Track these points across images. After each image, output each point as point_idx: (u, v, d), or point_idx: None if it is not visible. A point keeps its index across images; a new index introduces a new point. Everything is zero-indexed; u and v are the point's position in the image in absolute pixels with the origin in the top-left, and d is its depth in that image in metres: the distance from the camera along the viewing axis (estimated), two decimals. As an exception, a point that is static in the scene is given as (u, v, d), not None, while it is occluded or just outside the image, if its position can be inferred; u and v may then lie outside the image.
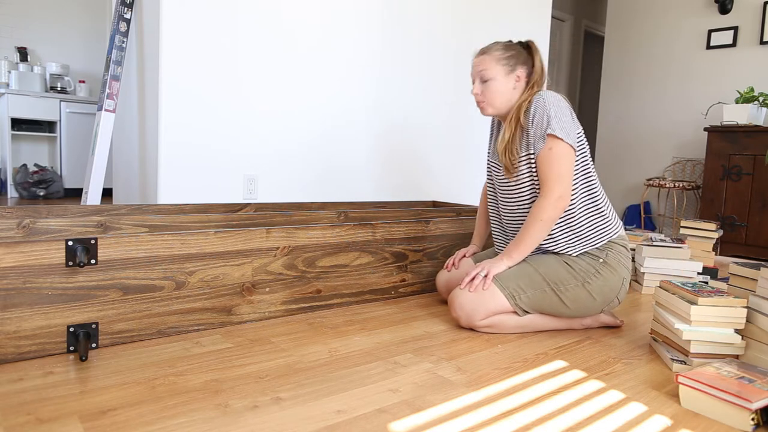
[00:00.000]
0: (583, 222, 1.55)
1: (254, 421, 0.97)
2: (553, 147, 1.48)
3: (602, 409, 1.09)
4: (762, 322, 1.29)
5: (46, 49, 5.08)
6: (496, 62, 1.58)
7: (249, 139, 2.52)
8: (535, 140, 1.52)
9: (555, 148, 1.48)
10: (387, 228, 1.83)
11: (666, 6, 4.47)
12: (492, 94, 1.59)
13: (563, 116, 1.50)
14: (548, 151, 1.49)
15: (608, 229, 1.56)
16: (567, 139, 1.48)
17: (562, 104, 1.52)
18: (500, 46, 1.61)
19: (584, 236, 1.55)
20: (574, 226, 1.55)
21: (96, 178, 2.48)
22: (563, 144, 1.48)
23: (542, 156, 1.50)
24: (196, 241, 1.42)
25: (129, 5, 2.55)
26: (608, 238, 1.56)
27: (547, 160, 1.49)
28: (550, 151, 1.48)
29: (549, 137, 1.48)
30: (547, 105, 1.50)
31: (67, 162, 4.81)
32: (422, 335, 1.50)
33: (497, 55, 1.58)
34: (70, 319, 1.24)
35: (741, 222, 3.55)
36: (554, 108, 1.49)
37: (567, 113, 1.51)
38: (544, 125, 1.49)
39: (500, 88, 1.58)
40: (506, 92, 1.59)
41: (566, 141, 1.48)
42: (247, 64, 2.47)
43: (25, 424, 0.91)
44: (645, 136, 4.63)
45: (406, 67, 3.09)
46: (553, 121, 1.48)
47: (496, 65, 1.58)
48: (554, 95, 1.52)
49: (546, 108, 1.49)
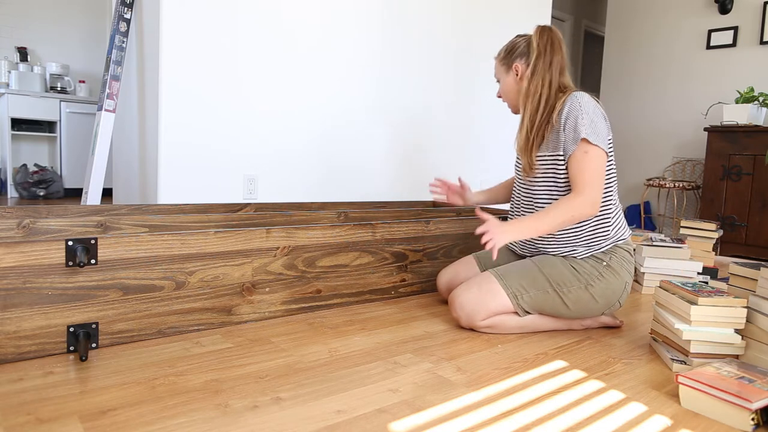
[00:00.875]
0: (595, 226, 1.55)
1: (254, 421, 0.97)
2: (588, 151, 1.46)
3: (602, 409, 1.09)
4: (762, 322, 1.29)
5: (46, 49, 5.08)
6: (499, 63, 1.68)
7: (249, 139, 2.52)
8: (566, 142, 1.50)
9: (591, 152, 1.46)
10: (387, 228, 1.83)
11: (666, 6, 4.47)
12: (504, 95, 1.68)
13: (598, 121, 1.48)
14: (584, 154, 1.46)
15: (616, 234, 1.56)
16: (602, 145, 1.46)
17: (598, 109, 1.50)
18: (505, 45, 1.66)
19: (593, 240, 1.55)
20: (587, 228, 1.55)
21: (96, 178, 2.48)
22: (597, 148, 1.46)
23: (577, 158, 1.47)
24: (196, 241, 1.42)
25: (129, 5, 2.55)
26: (614, 242, 1.56)
27: (582, 163, 1.46)
28: (585, 155, 1.46)
29: (583, 141, 1.46)
30: (584, 109, 1.47)
31: (67, 162, 4.81)
32: (422, 335, 1.50)
33: (500, 57, 1.67)
34: (70, 319, 1.24)
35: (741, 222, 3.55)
36: (590, 113, 1.47)
37: (602, 119, 1.50)
38: (579, 129, 1.46)
39: (506, 87, 1.66)
40: (512, 89, 1.64)
41: (601, 147, 1.46)
42: (247, 64, 2.47)
43: (25, 424, 0.91)
44: (645, 136, 4.63)
45: (406, 67, 3.09)
46: (588, 126, 1.46)
47: (500, 66, 1.68)
48: (589, 99, 1.50)
49: (582, 112, 1.47)
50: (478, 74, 3.47)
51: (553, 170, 1.55)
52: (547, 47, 1.56)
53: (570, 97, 1.51)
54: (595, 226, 1.55)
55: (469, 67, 3.41)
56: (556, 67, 1.56)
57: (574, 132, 1.47)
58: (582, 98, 1.49)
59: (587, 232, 1.55)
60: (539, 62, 1.56)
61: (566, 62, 1.59)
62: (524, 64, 1.60)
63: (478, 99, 3.49)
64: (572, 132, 1.48)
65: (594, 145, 1.46)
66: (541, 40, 1.57)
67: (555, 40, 1.57)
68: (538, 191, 1.59)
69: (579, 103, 1.48)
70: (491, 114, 3.59)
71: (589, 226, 1.55)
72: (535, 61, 1.56)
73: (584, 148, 1.46)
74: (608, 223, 1.55)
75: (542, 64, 1.56)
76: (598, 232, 1.55)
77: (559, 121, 1.51)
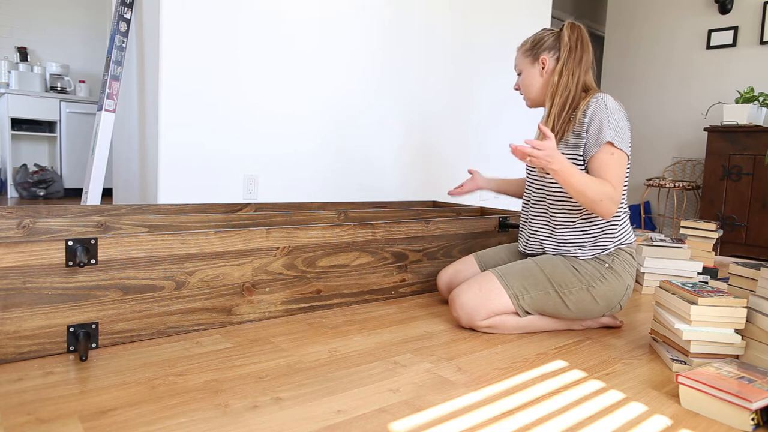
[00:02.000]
0: (603, 227, 1.55)
1: (254, 421, 0.97)
2: (615, 153, 1.46)
3: (602, 409, 1.08)
4: (762, 322, 1.29)
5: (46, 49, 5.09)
6: (522, 55, 1.66)
7: (249, 139, 2.52)
8: (588, 144, 1.49)
9: (617, 155, 1.46)
10: (387, 228, 1.83)
11: (666, 6, 4.47)
12: (525, 87, 1.66)
13: (623, 126, 1.48)
14: (610, 156, 1.46)
15: (622, 237, 1.56)
16: (625, 149, 1.47)
17: (622, 113, 1.50)
18: (531, 37, 1.65)
19: (597, 242, 1.55)
20: (594, 229, 1.55)
21: (96, 178, 2.48)
22: (622, 152, 1.47)
23: (603, 159, 1.46)
24: (196, 241, 1.42)
25: (129, 5, 2.54)
26: (618, 245, 1.56)
27: (608, 164, 1.46)
28: (612, 156, 1.46)
29: (608, 144, 1.46)
30: (610, 112, 1.47)
31: (67, 162, 4.81)
32: (422, 335, 1.50)
33: (524, 48, 1.65)
34: (70, 319, 1.24)
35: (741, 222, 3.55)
36: (615, 116, 1.47)
37: (625, 123, 1.50)
38: (605, 132, 1.46)
39: (529, 79, 1.64)
40: (535, 82, 1.62)
41: (625, 151, 1.47)
42: (247, 63, 2.47)
43: (25, 424, 0.91)
44: (645, 136, 4.64)
45: (406, 67, 3.09)
46: (613, 130, 1.46)
47: (523, 58, 1.65)
48: (614, 102, 1.50)
49: (608, 115, 1.47)
50: (478, 74, 3.47)
51: None
52: (578, 44, 1.55)
53: (595, 98, 1.50)
54: (602, 228, 1.55)
55: (469, 66, 3.41)
56: (585, 65, 1.56)
57: (599, 134, 1.47)
58: (608, 101, 1.49)
59: (594, 232, 1.55)
60: (570, 59, 1.55)
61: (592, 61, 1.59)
62: (552, 58, 1.59)
63: (477, 98, 3.49)
64: (596, 134, 1.47)
65: (618, 148, 1.46)
66: (572, 36, 1.56)
67: (585, 37, 1.57)
68: (552, 189, 1.59)
69: (605, 105, 1.48)
70: (491, 113, 3.59)
71: (597, 227, 1.55)
72: (567, 57, 1.55)
73: (610, 150, 1.46)
74: (616, 226, 1.55)
75: (573, 61, 1.55)
76: (604, 234, 1.55)
77: (583, 121, 1.50)
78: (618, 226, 1.56)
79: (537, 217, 1.65)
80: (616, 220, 1.56)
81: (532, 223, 1.66)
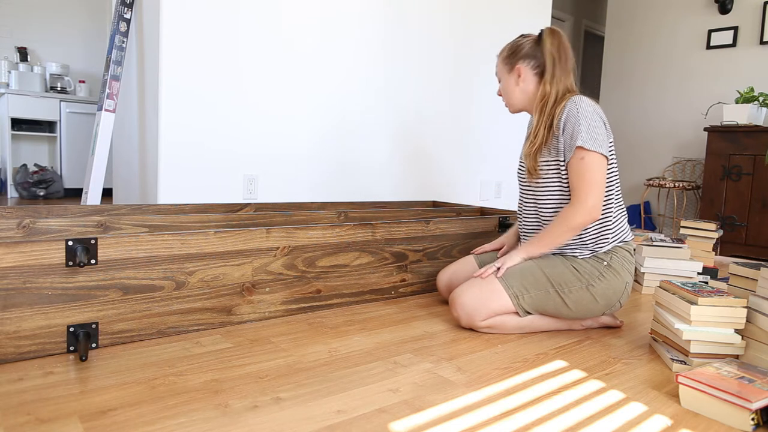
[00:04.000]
0: (598, 228, 1.55)
1: (254, 421, 0.97)
2: (585, 156, 1.46)
3: (602, 409, 1.09)
4: (762, 322, 1.29)
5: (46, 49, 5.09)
6: (501, 63, 1.66)
7: (249, 139, 2.52)
8: (565, 149, 1.50)
9: (587, 158, 1.46)
10: (387, 228, 1.83)
11: (666, 6, 4.47)
12: (505, 95, 1.66)
13: (596, 126, 1.47)
14: (580, 160, 1.46)
15: (617, 236, 1.57)
16: (599, 149, 1.46)
17: (596, 114, 1.49)
18: (509, 44, 1.64)
19: (594, 241, 1.55)
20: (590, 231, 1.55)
21: (96, 178, 2.48)
22: (595, 154, 1.46)
23: (573, 165, 1.48)
24: (196, 241, 1.42)
25: (129, 5, 2.55)
26: (615, 243, 1.56)
27: (579, 170, 1.47)
28: (581, 161, 1.46)
29: (579, 149, 1.46)
30: (580, 115, 1.47)
31: (67, 162, 4.81)
32: (422, 335, 1.50)
33: (502, 56, 1.65)
34: (70, 319, 1.24)
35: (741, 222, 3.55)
36: (587, 118, 1.46)
37: (600, 123, 1.49)
38: (575, 136, 1.46)
39: (506, 87, 1.64)
40: (512, 90, 1.62)
41: (598, 151, 1.46)
42: (247, 64, 2.47)
43: (25, 424, 0.91)
44: (645, 136, 4.63)
45: (406, 67, 3.09)
46: (584, 133, 1.45)
47: (502, 66, 1.65)
48: (588, 104, 1.49)
49: (578, 118, 1.47)
50: (478, 74, 3.47)
51: (556, 176, 1.55)
52: (560, 52, 1.55)
53: (568, 103, 1.50)
54: (599, 228, 1.55)
55: (468, 66, 3.41)
56: (568, 70, 1.57)
57: (571, 139, 1.47)
58: (580, 103, 1.49)
59: (590, 234, 1.55)
60: (557, 68, 1.55)
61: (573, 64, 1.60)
62: (528, 66, 1.58)
63: (477, 98, 3.49)
64: (569, 138, 1.48)
65: (590, 151, 1.46)
66: (554, 44, 1.55)
67: (565, 43, 1.57)
68: (543, 196, 1.59)
69: (577, 109, 1.48)
70: (490, 114, 3.59)
71: (592, 228, 1.55)
72: (552, 67, 1.55)
73: (580, 154, 1.46)
74: (608, 225, 1.55)
75: (559, 70, 1.55)
76: (602, 233, 1.55)
77: (559, 126, 1.51)
78: (614, 225, 1.56)
79: (530, 224, 1.66)
80: (608, 220, 1.55)
81: (528, 230, 1.67)
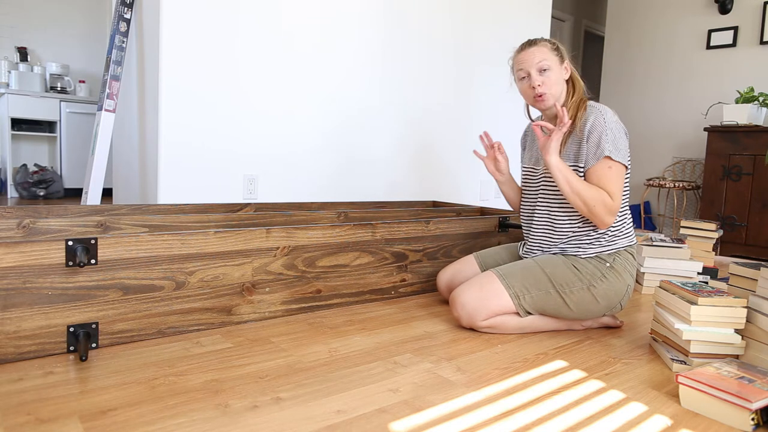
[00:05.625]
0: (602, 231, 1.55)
1: (254, 421, 0.97)
2: (612, 166, 1.49)
3: (602, 409, 1.09)
4: (762, 322, 1.29)
5: (46, 49, 5.08)
6: (550, 52, 1.59)
7: (249, 139, 2.52)
8: (587, 156, 1.52)
9: (615, 168, 1.50)
10: (387, 228, 1.83)
11: (666, 6, 4.47)
12: (552, 84, 1.58)
13: (620, 138, 1.52)
14: (608, 169, 1.50)
15: (623, 237, 1.57)
16: (623, 160, 1.50)
17: (620, 125, 1.54)
18: (546, 38, 1.67)
19: (598, 241, 1.55)
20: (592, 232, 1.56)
21: (96, 178, 2.48)
22: (620, 165, 1.50)
23: (600, 172, 1.50)
24: (196, 241, 1.42)
25: (129, 5, 2.54)
26: (620, 245, 1.56)
27: (606, 177, 1.50)
28: (609, 170, 1.49)
29: (607, 158, 1.49)
30: (608, 126, 1.51)
31: (67, 162, 4.81)
32: (422, 335, 1.50)
33: (550, 46, 1.60)
34: (70, 319, 1.24)
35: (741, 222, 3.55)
36: (613, 129, 1.51)
37: (623, 135, 1.53)
38: (603, 146, 1.49)
39: (557, 77, 1.59)
40: (560, 82, 1.60)
41: (622, 162, 1.50)
42: (247, 64, 2.47)
43: (25, 424, 0.91)
44: (645, 136, 4.63)
45: (406, 67, 3.09)
46: (611, 144, 1.49)
47: (552, 55, 1.59)
48: (612, 114, 1.53)
49: (606, 128, 1.50)
50: (477, 74, 3.47)
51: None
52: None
53: (594, 111, 1.54)
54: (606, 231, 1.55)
55: (468, 66, 3.41)
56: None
57: (597, 148, 1.50)
58: (606, 113, 1.53)
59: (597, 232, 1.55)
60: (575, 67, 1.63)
61: None
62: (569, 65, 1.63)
63: (477, 98, 3.49)
64: (595, 147, 1.51)
65: (616, 161, 1.49)
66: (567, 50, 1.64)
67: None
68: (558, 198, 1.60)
69: (604, 119, 1.51)
70: (490, 113, 3.59)
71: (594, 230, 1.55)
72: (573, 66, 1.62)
73: (608, 163, 1.50)
74: (618, 226, 1.56)
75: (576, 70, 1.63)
76: (607, 234, 1.55)
77: (583, 132, 1.53)
78: (621, 226, 1.57)
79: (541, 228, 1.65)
80: (617, 221, 1.56)
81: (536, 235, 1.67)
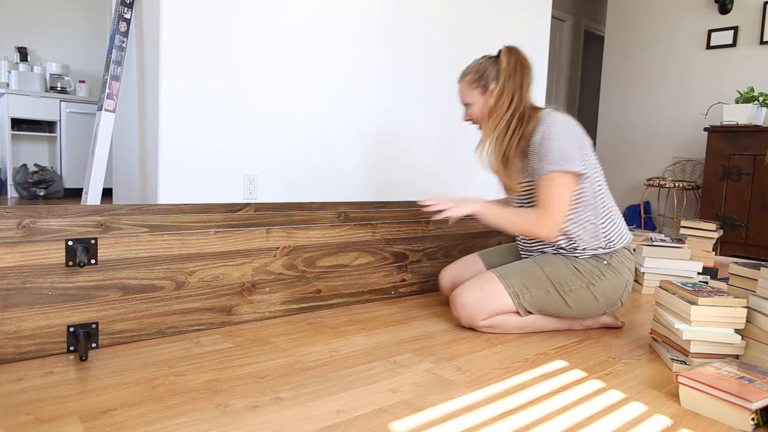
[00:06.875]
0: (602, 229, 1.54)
1: (254, 421, 0.97)
2: (555, 178, 1.46)
3: (602, 409, 1.09)
4: (762, 322, 1.29)
5: (46, 49, 5.08)
6: (468, 87, 1.63)
7: (249, 139, 2.52)
8: (535, 170, 1.50)
9: (558, 179, 1.46)
10: (387, 228, 1.83)
11: (666, 6, 4.47)
12: (476, 115, 1.63)
13: (568, 144, 1.45)
14: (550, 181, 1.46)
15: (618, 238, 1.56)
16: (570, 168, 1.45)
17: (569, 129, 1.47)
18: (472, 67, 1.63)
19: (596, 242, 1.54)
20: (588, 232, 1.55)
21: (96, 178, 2.48)
22: (565, 175, 1.46)
23: (542, 185, 1.48)
24: (196, 241, 1.42)
25: (129, 5, 2.54)
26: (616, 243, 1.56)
27: (547, 189, 1.47)
28: (551, 182, 1.46)
29: (549, 172, 1.46)
30: (554, 133, 1.45)
31: (67, 162, 4.81)
32: (422, 335, 1.50)
33: (468, 80, 1.63)
34: (70, 319, 1.24)
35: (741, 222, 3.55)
36: (561, 138, 1.45)
37: (574, 140, 1.47)
38: (546, 158, 1.45)
39: (481, 109, 1.61)
40: (484, 110, 1.60)
41: (569, 170, 1.45)
42: (247, 64, 2.47)
43: (25, 424, 0.91)
44: (645, 136, 4.63)
45: (405, 68, 3.09)
46: (556, 154, 1.44)
47: (470, 91, 1.62)
48: (563, 122, 1.47)
49: (552, 138, 1.45)
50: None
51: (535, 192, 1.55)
52: (516, 67, 1.56)
53: (542, 122, 1.49)
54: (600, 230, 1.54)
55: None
56: (525, 87, 1.56)
57: (540, 161, 1.47)
58: (555, 123, 1.47)
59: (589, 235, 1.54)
60: (510, 82, 1.55)
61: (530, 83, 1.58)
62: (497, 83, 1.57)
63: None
64: (539, 161, 1.48)
65: (561, 172, 1.45)
66: (510, 61, 1.56)
67: (523, 59, 1.57)
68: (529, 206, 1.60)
69: (548, 127, 1.47)
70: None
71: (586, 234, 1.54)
72: (504, 81, 1.55)
73: (551, 176, 1.46)
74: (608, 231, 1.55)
75: (512, 83, 1.55)
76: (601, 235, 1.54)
77: (531, 147, 1.50)
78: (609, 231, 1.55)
79: None
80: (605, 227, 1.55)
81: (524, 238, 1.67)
